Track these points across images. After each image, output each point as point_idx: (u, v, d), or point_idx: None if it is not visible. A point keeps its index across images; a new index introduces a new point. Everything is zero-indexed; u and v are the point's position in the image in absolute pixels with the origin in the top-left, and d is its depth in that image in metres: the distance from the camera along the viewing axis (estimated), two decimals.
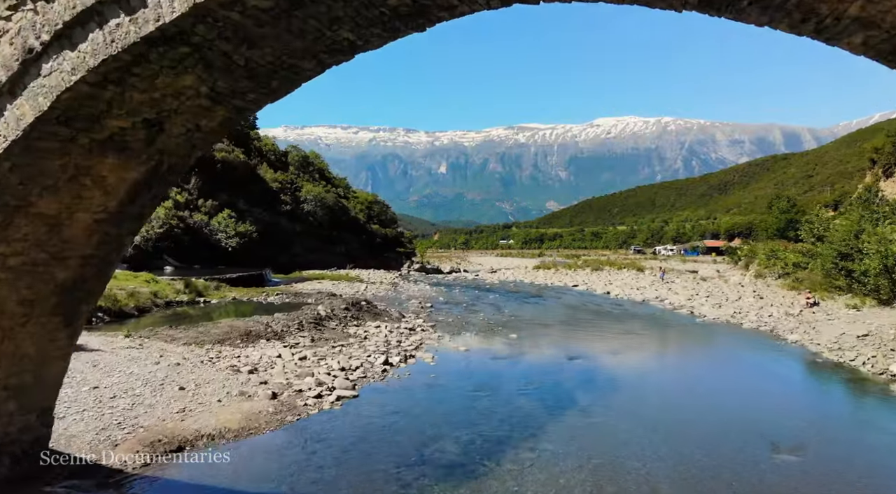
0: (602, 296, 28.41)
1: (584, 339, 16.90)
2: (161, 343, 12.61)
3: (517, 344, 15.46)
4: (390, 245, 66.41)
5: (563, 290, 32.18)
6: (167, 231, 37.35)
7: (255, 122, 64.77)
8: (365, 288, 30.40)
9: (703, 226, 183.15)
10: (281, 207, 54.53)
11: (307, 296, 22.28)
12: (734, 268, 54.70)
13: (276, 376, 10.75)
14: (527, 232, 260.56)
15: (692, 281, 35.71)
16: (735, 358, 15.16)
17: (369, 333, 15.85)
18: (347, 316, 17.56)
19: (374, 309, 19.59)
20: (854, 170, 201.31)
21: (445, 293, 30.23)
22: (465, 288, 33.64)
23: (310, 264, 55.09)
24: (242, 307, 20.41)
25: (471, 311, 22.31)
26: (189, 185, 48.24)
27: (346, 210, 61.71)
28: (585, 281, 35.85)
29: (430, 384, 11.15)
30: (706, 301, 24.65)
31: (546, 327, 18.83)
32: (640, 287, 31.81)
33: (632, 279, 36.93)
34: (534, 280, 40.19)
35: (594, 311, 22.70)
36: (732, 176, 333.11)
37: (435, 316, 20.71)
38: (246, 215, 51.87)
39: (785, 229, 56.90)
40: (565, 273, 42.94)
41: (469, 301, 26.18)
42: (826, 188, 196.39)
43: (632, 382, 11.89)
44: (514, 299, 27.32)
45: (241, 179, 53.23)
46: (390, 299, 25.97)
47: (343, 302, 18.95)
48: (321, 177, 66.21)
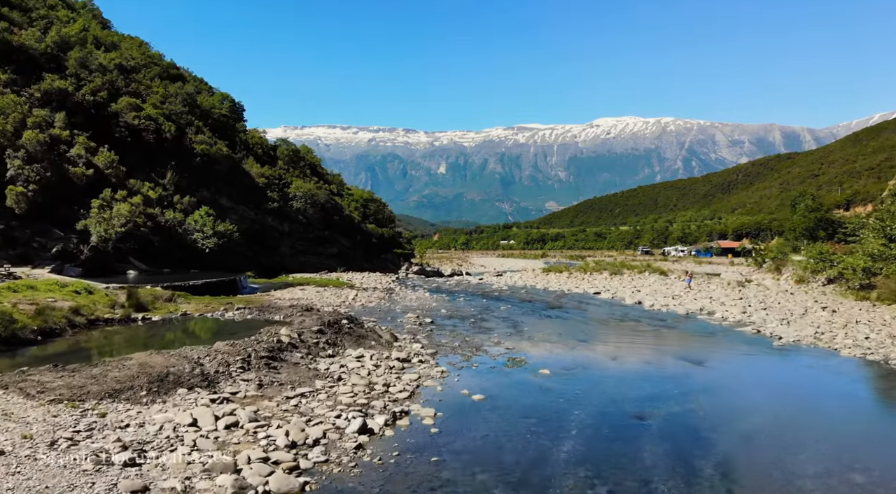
0: (635, 307, 23.95)
1: (647, 372, 12.48)
2: (16, 397, 8.17)
3: (554, 386, 11.02)
4: (387, 245, 61.95)
5: (584, 299, 27.74)
6: (131, 230, 32.88)
7: (242, 114, 60.39)
8: (354, 297, 25.98)
9: (710, 226, 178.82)
10: (267, 205, 50.11)
11: (277, 310, 17.82)
12: (760, 271, 50.30)
13: (171, 472, 6.32)
14: (528, 232, 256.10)
15: (728, 288, 31.29)
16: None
17: (346, 369, 11.42)
18: (320, 343, 13.11)
19: (359, 328, 15.15)
20: (862, 169, 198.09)
21: (448, 302, 25.79)
22: (470, 296, 29.22)
23: (299, 267, 50.68)
24: (190, 326, 15.94)
25: (481, 329, 17.88)
26: (165, 180, 43.82)
27: (339, 208, 57.26)
28: (607, 288, 31.37)
29: (431, 476, 6.74)
30: (766, 315, 20.23)
31: (587, 355, 14.37)
32: (673, 295, 27.40)
33: (659, 284, 32.52)
34: (546, 285, 35.74)
35: (636, 329, 18.23)
36: (735, 176, 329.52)
37: (436, 336, 16.28)
38: (229, 213, 47.45)
39: (814, 229, 52.53)
40: (580, 277, 38.48)
41: (477, 313, 21.75)
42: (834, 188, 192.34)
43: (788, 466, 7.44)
44: (531, 311, 22.87)
45: (224, 174, 48.83)
46: (382, 312, 21.54)
47: (318, 321, 14.50)
48: (313, 172, 61.75)
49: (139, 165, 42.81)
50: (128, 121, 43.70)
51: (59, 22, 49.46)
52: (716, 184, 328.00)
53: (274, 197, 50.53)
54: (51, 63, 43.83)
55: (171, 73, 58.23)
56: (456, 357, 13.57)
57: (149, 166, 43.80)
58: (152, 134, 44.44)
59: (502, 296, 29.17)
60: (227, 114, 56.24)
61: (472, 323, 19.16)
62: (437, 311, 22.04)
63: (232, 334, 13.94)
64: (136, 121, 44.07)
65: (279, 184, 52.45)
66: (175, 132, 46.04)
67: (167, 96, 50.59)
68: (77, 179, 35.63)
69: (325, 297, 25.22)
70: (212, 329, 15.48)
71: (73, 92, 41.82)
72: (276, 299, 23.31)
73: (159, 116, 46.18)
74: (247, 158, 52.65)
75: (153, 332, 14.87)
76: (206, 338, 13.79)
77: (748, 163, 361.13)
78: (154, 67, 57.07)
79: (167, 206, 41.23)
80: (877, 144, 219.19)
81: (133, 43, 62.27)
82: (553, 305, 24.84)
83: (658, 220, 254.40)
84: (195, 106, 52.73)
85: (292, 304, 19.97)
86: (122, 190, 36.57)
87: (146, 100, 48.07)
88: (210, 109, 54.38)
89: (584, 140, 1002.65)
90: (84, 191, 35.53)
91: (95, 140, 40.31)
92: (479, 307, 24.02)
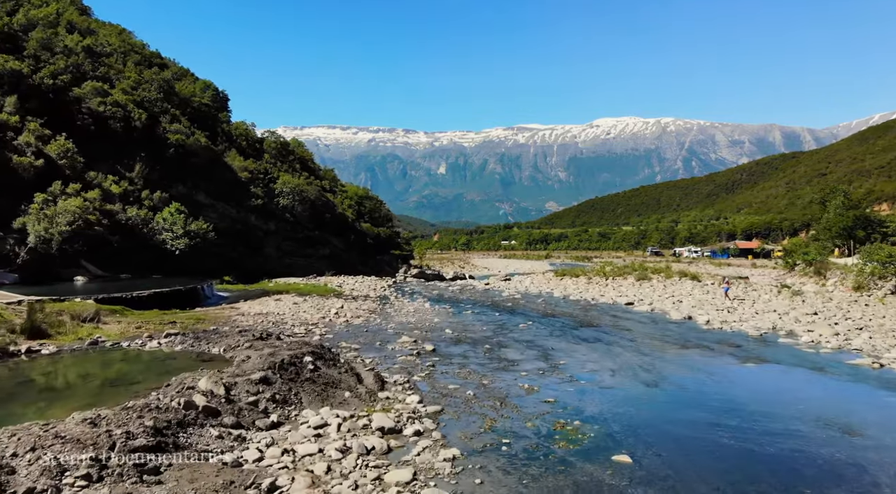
0: (687, 325, 19.16)
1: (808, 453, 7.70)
2: None
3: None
4: (384, 246, 57.19)
5: (617, 312, 22.97)
6: (81, 229, 28.11)
7: (226, 103, 55.64)
8: (339, 309, 21.25)
9: (717, 227, 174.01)
10: (251, 201, 45.36)
11: (222, 338, 13.03)
12: (794, 275, 45.56)
13: None
14: (529, 232, 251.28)
15: (782, 297, 26.54)
16: None
17: (293, 461, 6.69)
18: (260, 402, 8.34)
19: (330, 367, 10.40)
20: (872, 168, 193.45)
21: (453, 317, 21.03)
22: (478, 308, 24.46)
23: (285, 270, 45.93)
24: (73, 368, 11.03)
25: (501, 361, 13.16)
26: (133, 173, 39.07)
27: (331, 205, 52.49)
28: (640, 297, 26.56)
29: None
30: (870, 338, 15.49)
31: (677, 417, 9.55)
32: (727, 307, 22.63)
33: (700, 293, 27.75)
34: (565, 292, 30.97)
35: (712, 363, 13.48)
36: (739, 175, 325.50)
37: (441, 376, 11.52)
38: (207, 210, 42.72)
39: (852, 227, 47.81)
40: (602, 283, 33.68)
41: (491, 335, 17.00)
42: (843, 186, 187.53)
43: None
44: (559, 330, 18.09)
45: (203, 167, 44.09)
46: (371, 332, 16.79)
47: (267, 361, 9.71)
48: (303, 167, 56.99)
49: (103, 156, 38.06)
50: (92, 108, 38.96)
51: (28, 4, 44.75)
52: (719, 184, 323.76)
53: (258, 193, 45.78)
54: (7, 43, 39.09)
55: (155, 63, 53.55)
56: (472, 420, 8.80)
57: (115, 158, 39.06)
58: (119, 122, 39.70)
59: (517, 308, 24.40)
60: (209, 104, 51.49)
61: (488, 351, 14.41)
62: (441, 331, 17.30)
63: (131, 384, 9.18)
64: (102, 108, 39.33)
65: (264, 179, 47.71)
66: (146, 120, 41.29)
67: (140, 82, 45.85)
68: (23, 170, 30.86)
69: (301, 311, 20.45)
70: (103, 373, 10.67)
71: (28, 74, 37.12)
72: (238, 315, 18.53)
73: (129, 103, 41.44)
74: (229, 151, 47.92)
75: (3, 382, 10.00)
76: (81, 394, 9.00)
77: (752, 163, 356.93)
78: (133, 55, 52.38)
79: (133, 202, 36.52)
80: (885, 143, 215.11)
81: (112, 30, 57.55)
82: (584, 322, 20.07)
83: (662, 220, 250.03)
84: (172, 93, 47.99)
85: (249, 328, 15.20)
86: (76, 183, 31.79)
87: (116, 85, 43.36)
88: (189, 97, 49.64)
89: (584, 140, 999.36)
90: (32, 183, 30.77)
91: (53, 127, 35.58)
92: (492, 324, 19.26)
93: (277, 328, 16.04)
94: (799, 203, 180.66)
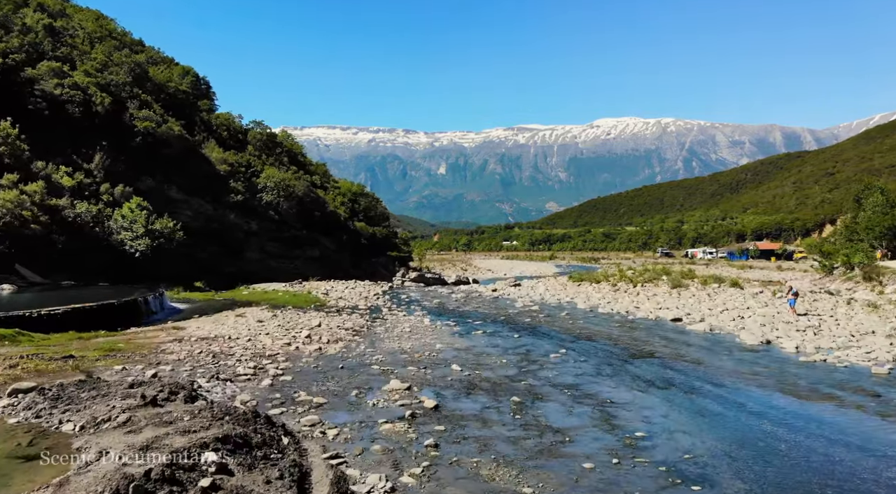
0: (770, 353, 14.37)
1: None
2: None
3: None
4: (380, 247, 52.49)
5: (665, 331, 18.23)
6: (12, 227, 23.46)
7: (208, 91, 50.96)
8: (316, 328, 16.61)
9: (725, 227, 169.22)
10: (230, 197, 40.65)
11: (96, 397, 8.23)
12: (833, 280, 40.84)
13: None
14: (531, 232, 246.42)
15: (853, 310, 21.86)
16: None
17: None
18: None
19: (247, 476, 5.69)
20: (882, 167, 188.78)
21: (461, 340, 16.30)
22: (491, 325, 19.73)
23: (269, 273, 41.21)
24: None
25: (543, 437, 8.38)
26: (92, 164, 34.39)
27: (321, 202, 47.79)
28: (687, 311, 21.76)
29: None
30: None
31: None
32: (808, 326, 17.92)
33: (755, 303, 23.00)
34: (590, 302, 26.23)
35: (878, 437, 8.78)
36: (744, 175, 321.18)
37: (447, 475, 6.79)
38: (180, 207, 38.04)
39: None
40: (631, 291, 28.94)
41: (515, 371, 12.28)
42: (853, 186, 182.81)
43: None
44: (606, 363, 13.33)
45: (176, 159, 39.36)
46: (347, 371, 12.03)
47: (120, 476, 5.02)
48: (292, 161, 52.30)
49: (58, 144, 33.35)
50: (47, 90, 34.23)
51: None
52: (723, 184, 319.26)
53: (238, 188, 41.07)
54: None
55: (136, 51, 48.84)
56: None
57: (73, 146, 34.39)
58: (78, 106, 35.02)
59: (538, 325, 19.70)
60: (188, 91, 46.81)
61: (517, 407, 9.68)
62: (445, 366, 12.61)
63: None
64: (59, 91, 34.60)
65: (246, 173, 43.01)
66: (110, 106, 36.56)
67: (109, 64, 41.18)
68: None
69: (264, 333, 15.74)
70: None
71: None
72: (173, 342, 13.79)
73: (91, 86, 36.75)
74: (208, 141, 43.21)
75: None
76: None
77: (756, 162, 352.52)
78: (111, 41, 47.65)
79: (89, 197, 31.84)
80: (893, 141, 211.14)
81: (89, 14, 52.88)
82: (632, 348, 15.33)
83: (666, 220, 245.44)
84: (145, 78, 43.28)
85: (161, 373, 10.46)
86: (13, 173, 27.10)
87: (79, 67, 38.70)
88: (165, 83, 44.93)
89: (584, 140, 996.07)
90: None
91: None
92: (513, 353, 14.56)
93: (214, 365, 11.34)
94: (809, 203, 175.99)
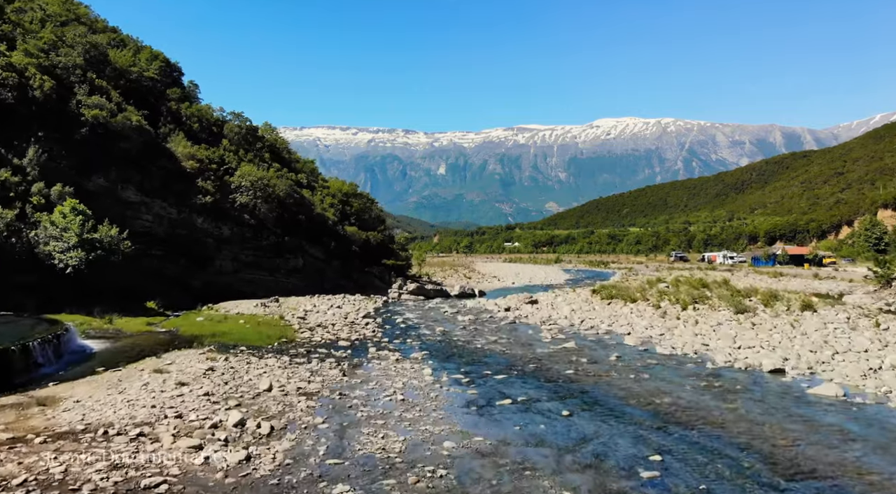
0: None
1: None
2: None
3: None
4: (374, 255, 46.73)
5: (769, 392, 12.44)
6: None
7: (179, 79, 45.16)
8: (266, 392, 10.96)
9: (735, 228, 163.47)
10: (198, 199, 34.88)
11: None
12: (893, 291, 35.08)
13: None
14: (533, 233, 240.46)
15: None
16: None
17: None
18: None
19: None
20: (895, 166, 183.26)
21: (481, 430, 10.44)
22: (519, 383, 13.91)
23: (245, 287, 35.49)
24: None
25: None
26: (24, 159, 28.63)
27: (306, 204, 42.03)
28: (782, 353, 15.98)
29: None
30: None
31: None
32: None
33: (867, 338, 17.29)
34: (635, 334, 20.44)
35: None
36: (749, 175, 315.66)
37: None
38: (137, 210, 32.29)
39: None
40: (682, 314, 23.15)
41: None
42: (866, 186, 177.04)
43: None
44: (740, 489, 7.55)
45: (134, 155, 33.52)
46: None
47: None
48: (275, 157, 46.53)
49: None
50: None
51: None
52: (728, 184, 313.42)
53: (208, 188, 35.29)
54: None
55: (96, 31, 43.00)
56: None
57: (2, 137, 28.73)
58: (11, 91, 29.31)
59: (584, 382, 13.95)
60: (154, 77, 40.98)
61: None
62: None
63: None
64: None
65: (219, 171, 37.25)
66: (51, 90, 30.79)
67: (57, 45, 35.42)
68: None
69: (175, 413, 10.00)
70: None
71: None
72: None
73: (30, 67, 31.03)
74: (175, 134, 37.45)
75: None
76: None
77: (761, 162, 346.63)
78: (78, 26, 41.73)
79: (15, 199, 26.12)
80: None
81: None
82: (779, 456, 9.57)
83: (670, 221, 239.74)
84: (104, 62, 37.49)
85: None
86: None
87: (18, 46, 32.99)
88: (127, 68, 39.12)
89: (584, 141, 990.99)
90: None
91: None
92: (572, 459, 8.80)
93: None
94: (822, 203, 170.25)
